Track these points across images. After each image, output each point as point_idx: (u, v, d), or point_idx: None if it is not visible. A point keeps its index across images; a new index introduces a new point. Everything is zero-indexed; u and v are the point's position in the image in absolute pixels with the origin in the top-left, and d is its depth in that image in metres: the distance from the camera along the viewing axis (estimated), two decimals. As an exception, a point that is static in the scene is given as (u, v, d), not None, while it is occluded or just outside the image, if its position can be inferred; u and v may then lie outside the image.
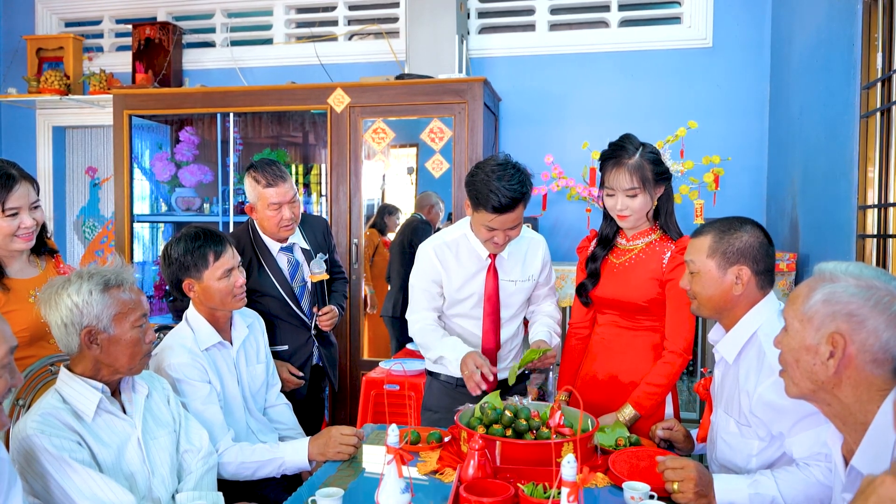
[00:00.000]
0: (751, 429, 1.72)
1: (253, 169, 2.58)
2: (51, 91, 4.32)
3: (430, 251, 2.32)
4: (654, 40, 3.93)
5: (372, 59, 4.26)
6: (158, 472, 1.77)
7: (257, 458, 2.01)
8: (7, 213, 2.02)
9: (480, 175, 2.13)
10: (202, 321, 2.17)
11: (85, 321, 1.65)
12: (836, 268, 1.33)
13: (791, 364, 1.35)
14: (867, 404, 1.27)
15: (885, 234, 2.33)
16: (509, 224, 2.16)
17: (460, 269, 2.31)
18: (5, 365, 1.25)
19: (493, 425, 1.89)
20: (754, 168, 3.80)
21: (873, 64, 2.41)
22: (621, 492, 1.68)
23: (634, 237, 2.26)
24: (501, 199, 2.08)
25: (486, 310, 2.31)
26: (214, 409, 2.06)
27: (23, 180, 2.05)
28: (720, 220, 1.88)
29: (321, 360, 2.78)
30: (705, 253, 1.83)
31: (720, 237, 1.82)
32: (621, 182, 2.15)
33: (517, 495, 1.57)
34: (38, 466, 1.55)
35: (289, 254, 2.69)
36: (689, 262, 1.88)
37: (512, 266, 2.34)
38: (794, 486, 1.60)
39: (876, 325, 1.24)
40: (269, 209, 2.55)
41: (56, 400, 1.65)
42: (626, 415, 2.13)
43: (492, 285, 2.30)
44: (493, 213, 2.12)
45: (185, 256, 2.14)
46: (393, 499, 1.42)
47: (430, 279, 2.32)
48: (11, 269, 2.10)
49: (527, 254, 2.37)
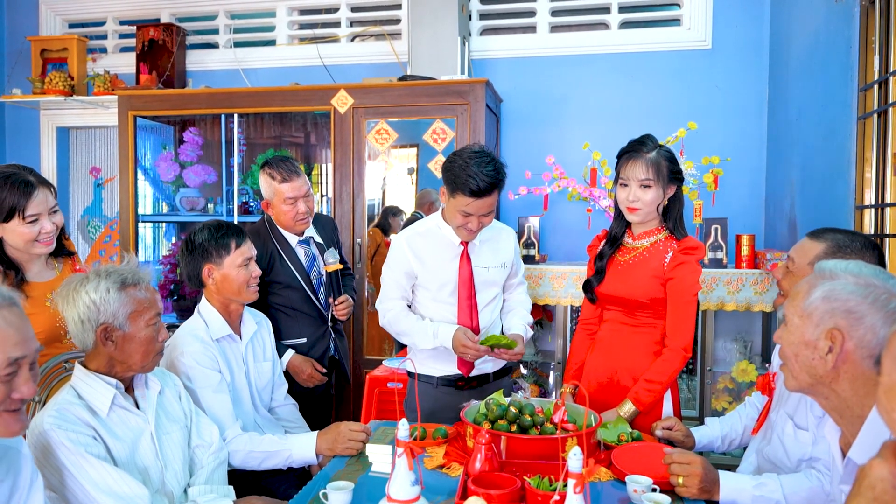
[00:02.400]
0: (808, 433, 1.74)
1: (268, 166, 2.65)
2: (55, 92, 4.36)
3: (403, 242, 2.40)
4: (653, 42, 3.97)
5: (374, 60, 4.29)
6: (171, 466, 1.80)
7: (266, 448, 2.05)
8: (28, 220, 2.06)
9: (458, 161, 2.22)
10: (214, 313, 2.25)
11: (101, 318, 1.69)
12: (835, 266, 1.37)
13: (790, 358, 1.40)
14: (864, 398, 1.30)
15: (882, 233, 2.37)
16: (484, 210, 2.25)
17: (434, 257, 2.38)
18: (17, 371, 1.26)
19: (498, 421, 1.93)
20: (753, 168, 3.84)
21: (870, 66, 2.45)
22: (624, 485, 1.72)
23: (640, 236, 2.30)
24: (480, 184, 2.17)
25: (461, 294, 2.38)
26: (225, 397, 2.11)
27: (41, 186, 2.09)
28: (843, 233, 1.80)
29: (337, 353, 2.85)
30: (809, 259, 1.78)
31: (832, 253, 1.75)
32: (637, 172, 2.20)
33: (523, 488, 1.61)
34: (55, 460, 1.58)
35: (306, 246, 2.76)
36: (791, 258, 1.85)
37: (484, 252, 2.42)
38: (799, 491, 1.63)
39: (873, 322, 1.28)
40: (285, 204, 2.62)
41: (72, 396, 1.69)
42: (626, 410, 2.16)
43: (466, 271, 2.38)
44: (470, 198, 2.20)
45: (208, 243, 2.24)
46: (404, 491, 1.46)
47: (401, 270, 2.40)
48: (30, 272, 2.14)
49: (499, 241, 2.47)
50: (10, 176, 2.05)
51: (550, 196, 3.68)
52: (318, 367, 2.66)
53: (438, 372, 2.43)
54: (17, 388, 1.29)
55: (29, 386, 1.29)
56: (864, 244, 1.77)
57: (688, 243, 2.23)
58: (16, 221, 2.04)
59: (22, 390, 1.29)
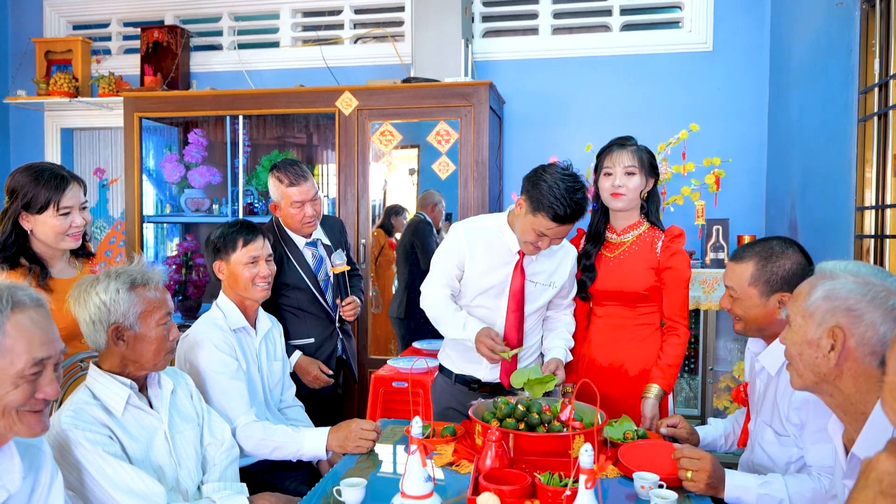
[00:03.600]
0: (789, 438, 1.78)
1: (276, 169, 2.68)
2: (60, 93, 4.38)
3: (461, 232, 2.33)
4: (655, 44, 4.00)
5: (377, 62, 4.32)
6: (185, 464, 1.83)
7: (278, 438, 2.09)
8: (61, 212, 2.14)
9: (548, 178, 2.09)
10: (231, 305, 2.32)
11: (112, 318, 1.72)
12: (835, 266, 1.41)
13: (795, 357, 1.43)
14: (867, 395, 1.34)
15: (882, 234, 2.40)
16: (561, 234, 2.17)
17: (487, 258, 2.30)
18: (24, 377, 1.28)
19: (506, 419, 1.97)
20: (754, 170, 3.87)
21: (871, 69, 2.48)
22: (631, 482, 1.76)
23: (624, 231, 2.41)
24: (567, 210, 2.06)
25: (510, 306, 2.31)
26: (241, 384, 2.16)
27: (73, 181, 2.19)
28: (760, 245, 1.89)
29: (344, 353, 2.88)
30: (747, 281, 1.86)
31: (763, 266, 1.84)
32: (623, 159, 2.33)
33: (534, 484, 1.64)
34: (73, 459, 1.61)
35: (313, 248, 2.79)
36: (730, 287, 1.91)
37: (539, 268, 2.33)
38: (804, 492, 1.66)
39: (873, 319, 1.32)
40: (293, 207, 2.66)
41: (87, 396, 1.72)
42: (655, 393, 2.27)
43: (518, 282, 2.30)
44: (552, 222, 2.09)
45: (219, 239, 2.32)
46: (417, 487, 1.49)
47: (453, 259, 2.32)
48: (54, 268, 2.20)
49: (555, 259, 2.36)
50: (45, 170, 2.16)
51: (553, 197, 3.70)
52: (325, 368, 2.69)
53: (459, 370, 2.41)
54: (41, 389, 1.31)
55: (53, 387, 1.32)
56: (784, 244, 1.85)
57: (673, 232, 2.36)
58: (49, 213, 2.13)
59: (46, 391, 1.31)
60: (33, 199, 2.12)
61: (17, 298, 1.29)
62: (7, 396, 1.27)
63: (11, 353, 1.26)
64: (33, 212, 2.13)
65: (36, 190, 2.12)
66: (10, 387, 1.27)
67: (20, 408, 1.29)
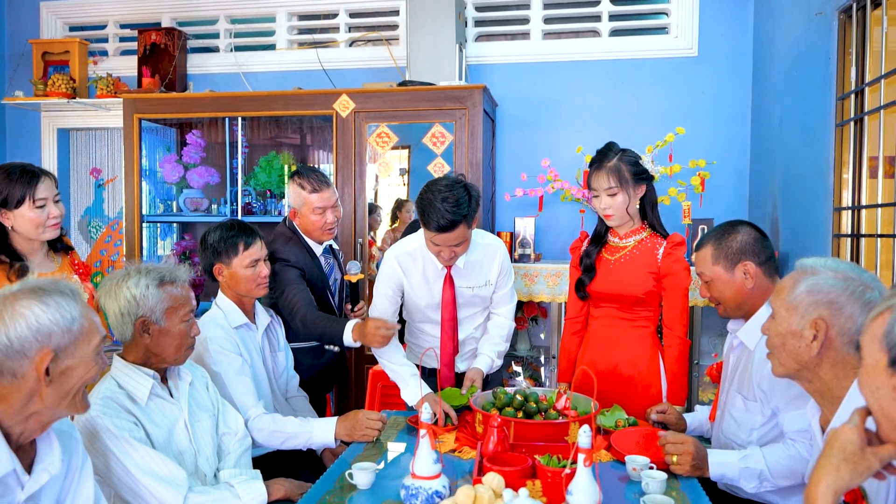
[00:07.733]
0: (756, 404, 1.91)
1: (298, 175, 2.72)
2: (58, 94, 4.43)
3: (393, 259, 2.50)
4: (642, 49, 4.13)
5: (373, 64, 4.41)
6: (203, 451, 1.93)
7: (289, 429, 2.19)
8: (37, 204, 2.27)
9: (427, 195, 2.27)
10: (230, 303, 2.38)
11: (140, 312, 1.82)
12: (815, 262, 1.54)
13: (778, 347, 1.56)
14: (843, 380, 1.47)
15: (858, 233, 2.53)
16: (451, 241, 2.30)
17: (421, 278, 2.48)
18: (100, 352, 1.42)
19: (505, 408, 2.09)
20: (737, 171, 4.01)
21: (848, 77, 2.60)
22: (623, 466, 1.88)
23: (626, 235, 2.49)
24: (440, 221, 2.23)
25: (444, 316, 2.50)
26: (247, 380, 2.24)
27: (44, 175, 2.32)
28: (714, 230, 2.09)
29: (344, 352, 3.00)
30: (710, 261, 2.04)
31: (718, 243, 2.03)
32: (601, 182, 2.43)
33: (534, 466, 1.76)
34: (101, 445, 1.71)
35: (327, 255, 2.87)
36: (701, 273, 2.08)
37: (468, 273, 2.49)
38: (780, 460, 1.80)
39: (853, 312, 1.45)
40: (314, 213, 2.69)
41: (113, 385, 1.81)
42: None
43: (449, 294, 2.48)
44: (437, 233, 2.27)
45: (219, 243, 2.35)
46: (427, 468, 1.60)
47: (391, 285, 2.50)
48: (32, 262, 2.29)
49: (483, 261, 2.51)
50: (15, 168, 2.29)
51: (545, 197, 3.82)
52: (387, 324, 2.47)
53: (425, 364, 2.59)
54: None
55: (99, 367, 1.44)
56: (732, 223, 2.06)
57: (675, 239, 2.44)
58: (26, 206, 2.26)
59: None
60: (9, 195, 2.25)
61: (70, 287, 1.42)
62: (88, 374, 1.39)
63: (90, 334, 1.39)
64: (11, 207, 2.25)
65: (10, 187, 2.25)
66: (93, 364, 1.40)
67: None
